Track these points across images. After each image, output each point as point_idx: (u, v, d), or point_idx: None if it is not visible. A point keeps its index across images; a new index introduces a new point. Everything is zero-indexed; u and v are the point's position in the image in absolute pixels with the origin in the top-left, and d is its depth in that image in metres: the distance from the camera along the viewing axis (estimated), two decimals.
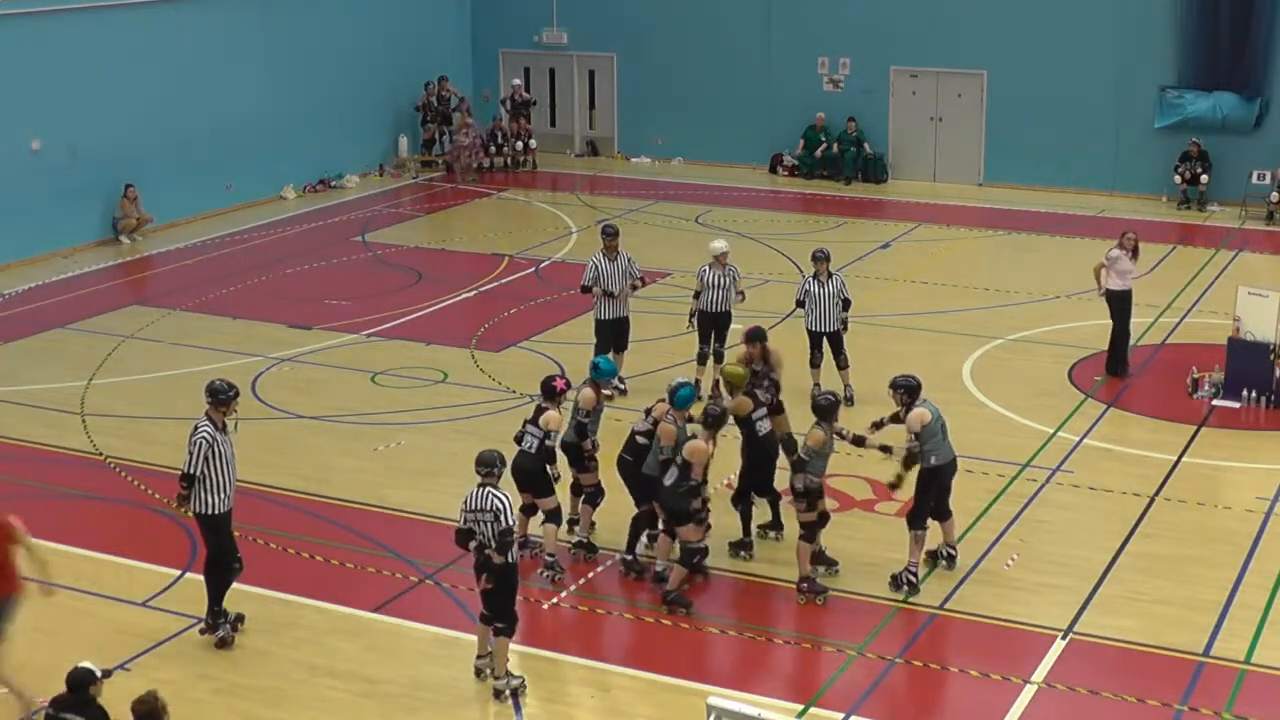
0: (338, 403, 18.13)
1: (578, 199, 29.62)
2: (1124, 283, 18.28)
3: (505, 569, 11.43)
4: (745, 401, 13.90)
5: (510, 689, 11.64)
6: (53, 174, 24.86)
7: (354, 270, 24.32)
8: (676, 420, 13.35)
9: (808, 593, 13.18)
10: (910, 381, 13.37)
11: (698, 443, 12.92)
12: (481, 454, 11.64)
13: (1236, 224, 26.76)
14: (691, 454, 12.84)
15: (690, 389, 13.61)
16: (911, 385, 13.34)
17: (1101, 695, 11.67)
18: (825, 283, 17.46)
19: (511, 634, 11.68)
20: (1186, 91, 27.87)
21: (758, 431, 13.93)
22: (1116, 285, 18.29)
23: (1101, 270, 18.42)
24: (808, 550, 13.22)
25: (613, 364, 15.06)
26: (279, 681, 11.96)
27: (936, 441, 13.27)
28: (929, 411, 13.18)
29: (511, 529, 11.36)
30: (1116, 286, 18.30)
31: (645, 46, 31.99)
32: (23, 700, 11.24)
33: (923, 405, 13.23)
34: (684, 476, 12.84)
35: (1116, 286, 18.30)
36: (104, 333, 20.95)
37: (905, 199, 29.18)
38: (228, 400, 12.27)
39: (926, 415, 13.15)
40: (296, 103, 29.23)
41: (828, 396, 13.31)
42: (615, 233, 18.00)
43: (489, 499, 11.40)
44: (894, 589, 13.33)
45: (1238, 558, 13.90)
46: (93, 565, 13.98)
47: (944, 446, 13.36)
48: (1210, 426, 17.14)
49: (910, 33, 29.81)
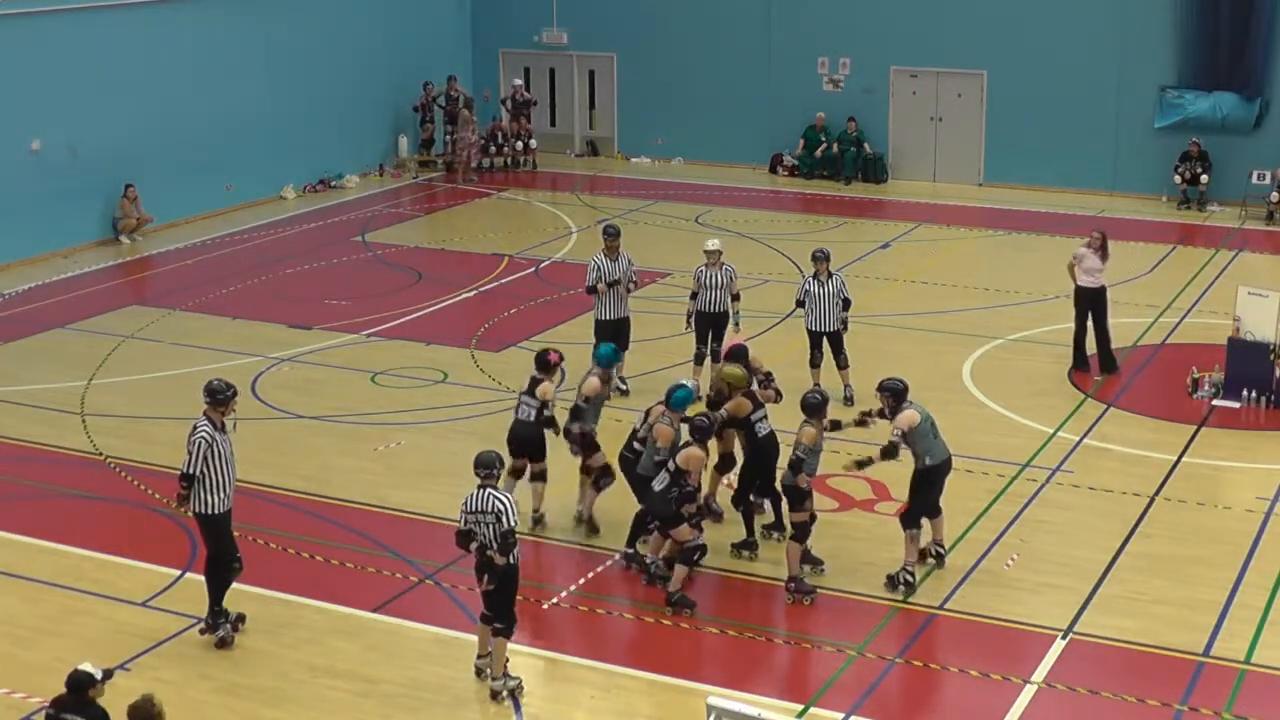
0: (338, 403, 18.13)
1: (578, 199, 29.62)
2: (1093, 280, 18.32)
3: (507, 570, 11.43)
4: (744, 403, 13.91)
5: (508, 690, 11.64)
6: (53, 174, 24.85)
7: (354, 270, 24.32)
8: (673, 422, 13.36)
9: (795, 593, 13.20)
10: (896, 385, 13.36)
11: (695, 450, 12.91)
12: (480, 455, 11.64)
13: (1236, 224, 26.76)
14: (687, 461, 12.84)
15: (687, 390, 13.65)
16: (898, 389, 13.33)
17: (1101, 695, 11.67)
18: (825, 283, 17.46)
19: (510, 635, 11.68)
20: (1186, 91, 27.87)
21: (757, 433, 13.94)
22: (1086, 282, 18.35)
23: (1073, 267, 18.50)
24: (798, 550, 13.26)
25: (610, 347, 15.21)
26: (279, 681, 11.96)
27: (929, 442, 13.29)
28: (918, 413, 13.20)
29: (513, 530, 11.36)
30: (1086, 284, 18.35)
31: (645, 46, 31.99)
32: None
33: (910, 407, 13.24)
34: (675, 482, 12.83)
35: (1086, 284, 18.35)
36: (104, 333, 20.95)
37: (905, 199, 29.18)
38: (226, 400, 12.27)
39: (915, 417, 13.16)
40: (296, 103, 29.23)
41: (815, 395, 13.35)
42: (617, 233, 18.01)
43: (489, 500, 11.40)
44: (890, 589, 13.33)
45: (1238, 558, 13.90)
46: (93, 565, 13.98)
47: (937, 446, 13.38)
48: (1210, 426, 17.14)
49: (910, 33, 29.80)
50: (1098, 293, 18.40)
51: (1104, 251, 18.33)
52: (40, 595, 13.43)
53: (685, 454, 12.88)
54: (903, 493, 14.53)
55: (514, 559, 11.44)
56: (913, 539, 13.38)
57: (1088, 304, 18.45)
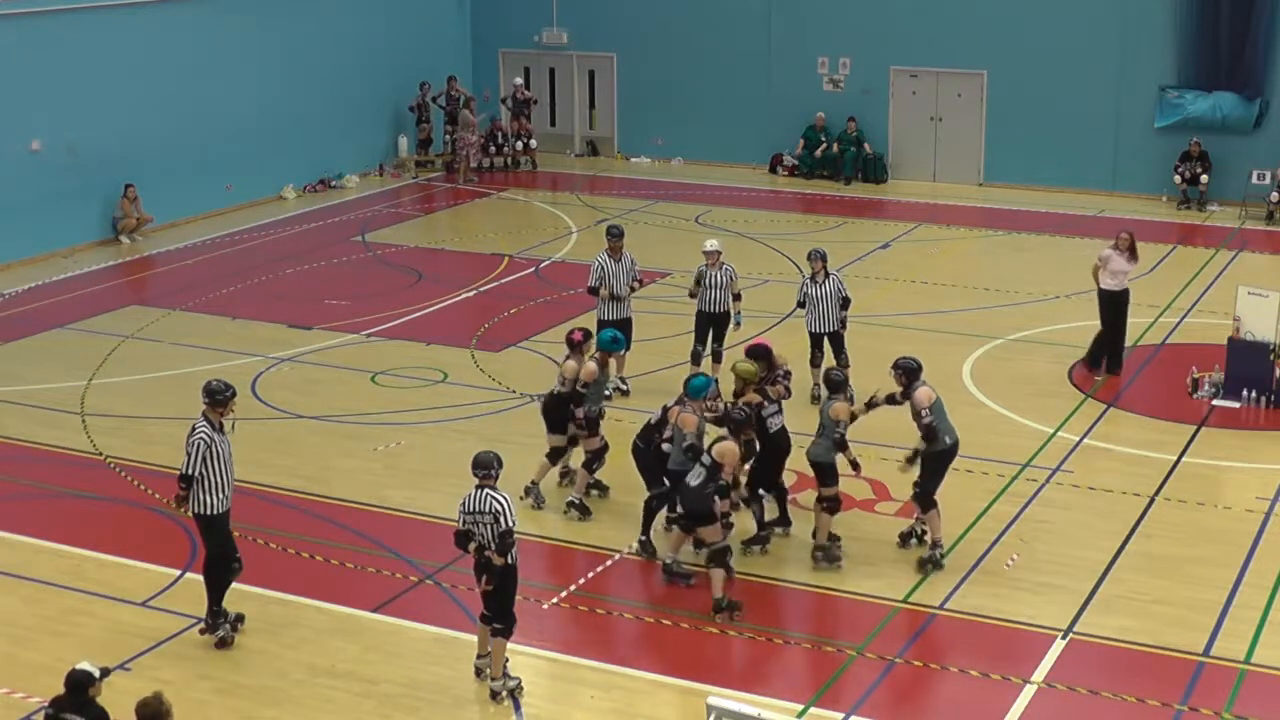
0: (338, 403, 18.13)
1: (578, 199, 29.62)
2: (1117, 283, 18.28)
3: (505, 570, 11.44)
4: (754, 398, 13.96)
5: (508, 690, 11.65)
6: (53, 174, 24.85)
7: (354, 270, 24.32)
8: (696, 410, 13.57)
9: (822, 560, 13.69)
10: (911, 363, 13.77)
11: (730, 443, 12.97)
12: (478, 456, 11.64)
13: (1236, 224, 26.76)
14: (722, 454, 12.88)
15: (704, 378, 14.03)
16: (911, 367, 13.74)
17: (1101, 695, 11.67)
18: (823, 283, 17.46)
19: (509, 635, 11.68)
20: (1186, 91, 27.87)
21: (769, 428, 14.00)
22: (1109, 285, 18.29)
23: (1099, 270, 18.42)
24: (829, 521, 13.75)
25: (610, 332, 15.53)
26: (279, 681, 11.96)
27: (945, 422, 13.67)
28: (932, 390, 13.57)
29: (511, 530, 11.36)
30: (1109, 286, 18.29)
31: (645, 46, 32.00)
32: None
33: (924, 385, 13.60)
34: (711, 477, 12.87)
35: (1109, 286, 18.29)
36: (104, 333, 20.95)
37: (905, 199, 29.18)
38: (225, 400, 12.27)
39: (933, 394, 13.57)
40: (296, 103, 29.23)
41: (839, 372, 13.78)
42: (621, 233, 18.04)
43: (487, 501, 11.40)
44: (920, 570, 13.57)
45: (1238, 558, 13.90)
46: (93, 565, 13.98)
47: (950, 426, 13.74)
48: (1210, 426, 17.14)
49: (910, 33, 29.81)
50: (1121, 295, 18.34)
51: (1132, 253, 18.27)
52: (40, 595, 13.43)
53: (720, 447, 12.94)
54: (903, 493, 14.57)
55: (512, 559, 11.44)
56: (936, 516, 13.68)
57: (1112, 307, 18.34)
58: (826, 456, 13.64)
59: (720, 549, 12.91)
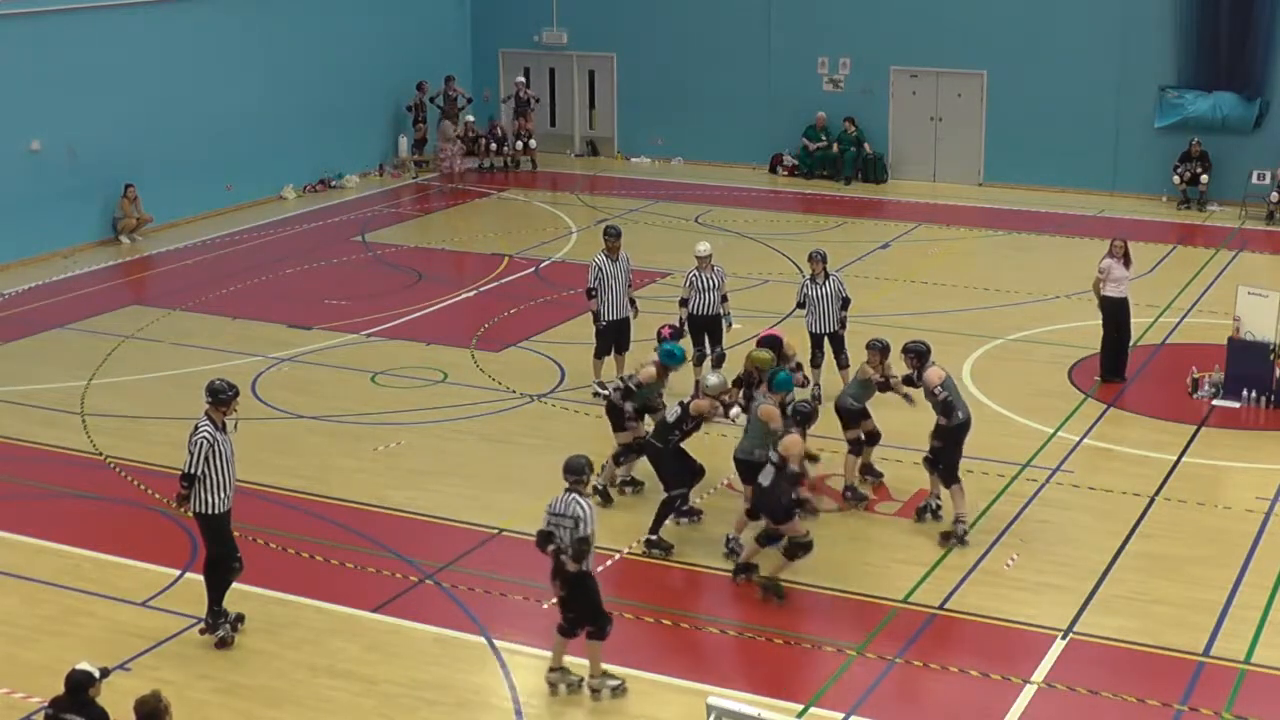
0: (338, 403, 18.12)
1: (578, 199, 29.62)
2: (1119, 289, 18.28)
3: (578, 576, 11.40)
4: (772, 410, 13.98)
5: (609, 688, 11.59)
6: (53, 174, 24.84)
7: (354, 270, 24.31)
8: (770, 399, 13.86)
9: (850, 500, 14.68)
10: (920, 346, 14.29)
11: (794, 436, 13.05)
12: (570, 460, 11.56)
13: (1236, 224, 26.75)
14: (788, 449, 12.94)
15: (788, 373, 14.40)
16: (921, 350, 14.27)
17: (1101, 695, 11.66)
18: (823, 283, 17.46)
19: (604, 636, 11.58)
20: (1186, 91, 27.86)
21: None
22: (1112, 292, 18.29)
23: (1099, 283, 18.33)
24: (855, 462, 14.85)
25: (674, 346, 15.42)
26: (279, 681, 11.96)
27: (958, 398, 14.13)
28: (942, 369, 14.13)
29: (589, 538, 11.29)
30: (1113, 294, 18.29)
31: (645, 46, 31.99)
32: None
33: (935, 365, 14.14)
34: (780, 474, 12.92)
35: (1113, 294, 18.29)
36: (104, 333, 20.94)
37: (905, 199, 29.18)
38: (228, 400, 12.27)
39: (943, 373, 14.10)
40: (296, 103, 29.23)
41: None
42: (618, 234, 18.05)
43: (572, 505, 11.36)
44: (943, 544, 13.92)
45: (1238, 558, 13.90)
46: (93, 565, 13.98)
47: (963, 402, 14.23)
48: (1210, 426, 17.13)
49: (910, 33, 29.80)
50: (1122, 302, 18.32)
51: (1127, 259, 18.28)
52: (40, 595, 13.43)
53: (784, 442, 13.02)
54: (903, 493, 14.57)
55: (587, 566, 11.40)
56: (959, 491, 14.01)
57: (1115, 314, 18.31)
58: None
59: (801, 543, 13.01)
